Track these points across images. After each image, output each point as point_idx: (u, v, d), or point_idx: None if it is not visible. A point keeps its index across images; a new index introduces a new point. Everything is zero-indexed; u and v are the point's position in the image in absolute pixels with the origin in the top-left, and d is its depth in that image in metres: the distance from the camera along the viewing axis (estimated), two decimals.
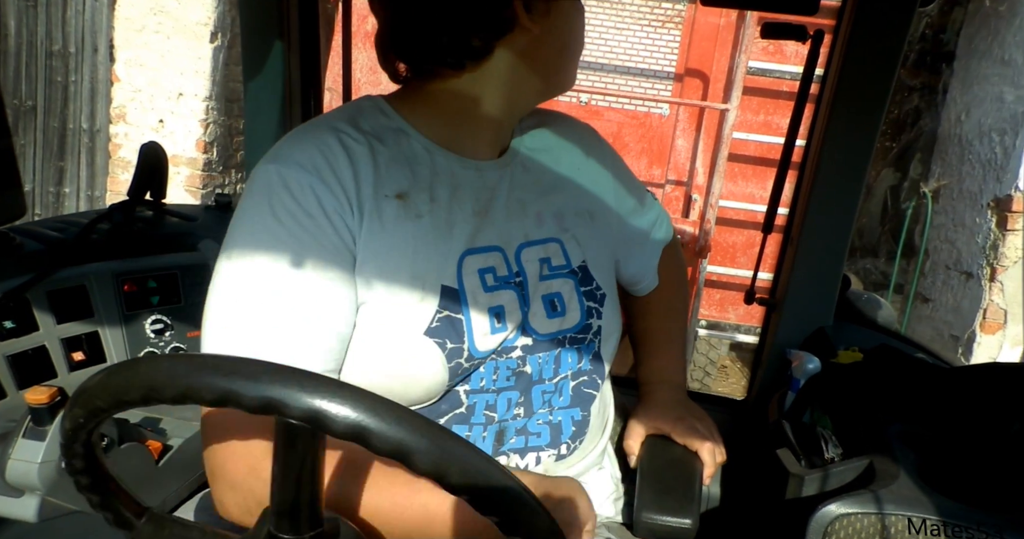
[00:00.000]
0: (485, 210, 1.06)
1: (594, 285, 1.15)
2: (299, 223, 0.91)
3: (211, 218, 1.81)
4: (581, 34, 1.10)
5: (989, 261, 4.78)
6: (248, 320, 0.88)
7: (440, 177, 1.03)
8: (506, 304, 1.04)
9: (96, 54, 5.22)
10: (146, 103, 5.32)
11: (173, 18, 5.18)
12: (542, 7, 0.99)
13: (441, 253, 1.00)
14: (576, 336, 1.12)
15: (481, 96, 1.04)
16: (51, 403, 1.09)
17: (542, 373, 1.09)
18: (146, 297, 1.52)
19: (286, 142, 0.99)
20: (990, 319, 4.81)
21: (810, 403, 1.54)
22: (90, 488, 0.71)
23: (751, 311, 4.26)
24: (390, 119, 1.05)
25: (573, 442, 1.12)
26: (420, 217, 1.00)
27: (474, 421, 1.04)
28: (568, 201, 1.17)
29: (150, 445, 1.25)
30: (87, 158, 5.33)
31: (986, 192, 4.85)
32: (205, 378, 0.59)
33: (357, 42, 4.47)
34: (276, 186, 0.92)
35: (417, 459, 0.57)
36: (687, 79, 4.43)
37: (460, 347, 0.99)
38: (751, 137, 4.38)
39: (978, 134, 4.94)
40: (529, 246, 1.09)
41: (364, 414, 0.57)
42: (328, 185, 0.93)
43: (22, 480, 1.11)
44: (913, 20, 1.58)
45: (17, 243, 1.41)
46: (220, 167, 5.62)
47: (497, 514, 0.60)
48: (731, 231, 4.60)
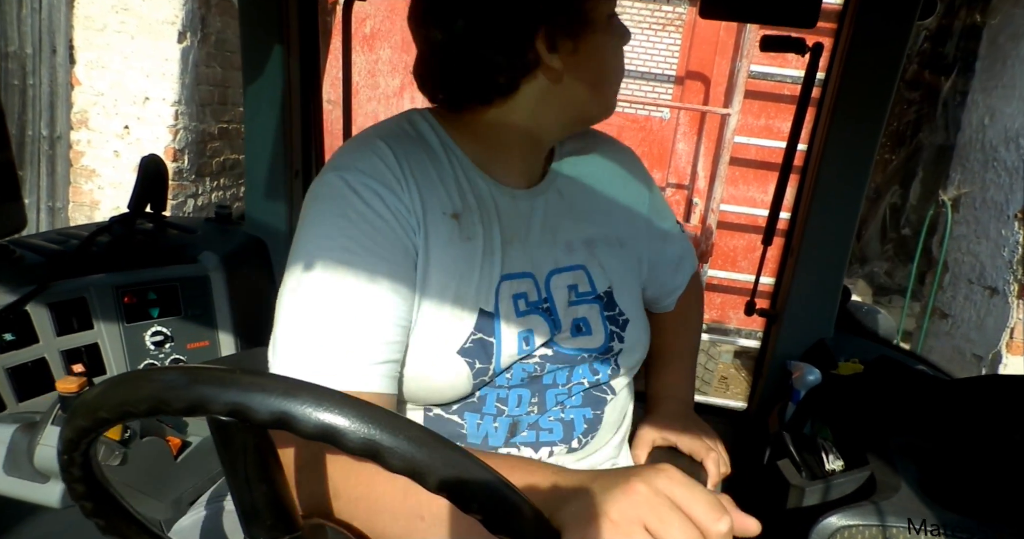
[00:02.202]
0: (517, 237, 1.14)
1: (617, 311, 1.23)
2: (369, 223, 0.99)
3: (211, 230, 1.90)
4: (616, 65, 1.16)
5: (1017, 276, 4.67)
6: (324, 311, 0.95)
7: (484, 201, 1.12)
8: (535, 328, 1.13)
9: (55, 55, 5.12)
10: (110, 108, 5.29)
11: (137, 16, 5.16)
12: (569, 45, 1.07)
13: (483, 277, 1.09)
14: (597, 356, 1.21)
15: (511, 127, 1.13)
16: (80, 392, 1.18)
17: (556, 379, 1.17)
18: (146, 309, 1.61)
19: (345, 153, 1.06)
20: (1017, 339, 4.69)
21: (811, 414, 1.63)
22: (85, 497, 0.74)
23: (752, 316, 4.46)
24: (439, 136, 1.13)
25: (585, 437, 1.20)
26: (470, 240, 1.08)
27: (486, 411, 1.12)
28: (600, 229, 1.25)
29: (170, 441, 1.34)
30: (47, 167, 5.27)
31: (1013, 202, 4.75)
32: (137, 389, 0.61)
33: (355, 46, 4.58)
34: (344, 191, 1.00)
35: (346, 441, 0.58)
36: (688, 82, 4.58)
37: (487, 367, 1.08)
38: (752, 141, 4.54)
39: (1003, 139, 4.85)
40: (558, 273, 1.18)
41: (283, 399, 0.58)
42: (395, 192, 1.02)
43: (49, 465, 1.20)
44: (912, 30, 1.68)
45: (17, 256, 1.50)
46: (192, 175, 5.61)
47: (479, 512, 0.61)
48: (732, 235, 4.77)
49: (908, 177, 6.36)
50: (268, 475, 0.68)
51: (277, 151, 1.95)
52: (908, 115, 6.32)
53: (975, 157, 5.12)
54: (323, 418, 0.58)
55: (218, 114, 5.85)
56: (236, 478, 0.67)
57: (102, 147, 5.37)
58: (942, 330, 5.30)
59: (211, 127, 5.77)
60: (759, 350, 2.11)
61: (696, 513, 0.69)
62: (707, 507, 0.69)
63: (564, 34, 1.06)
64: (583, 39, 1.08)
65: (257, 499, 0.68)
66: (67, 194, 5.43)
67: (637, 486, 0.71)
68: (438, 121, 1.15)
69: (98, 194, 5.44)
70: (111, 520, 0.76)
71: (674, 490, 0.71)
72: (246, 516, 0.69)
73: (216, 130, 5.86)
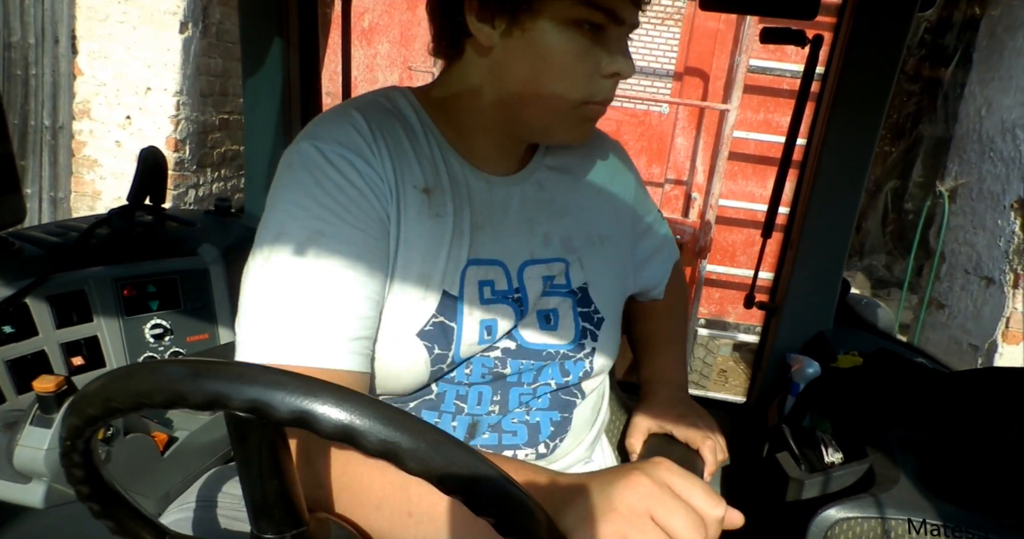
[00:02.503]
0: (487, 224, 1.11)
1: (592, 308, 1.20)
2: (345, 193, 0.97)
3: (211, 223, 1.90)
4: (561, 75, 1.03)
5: (1012, 266, 4.74)
6: (296, 285, 0.92)
7: (456, 182, 1.10)
8: (499, 318, 1.10)
9: (57, 45, 5.09)
10: (112, 98, 5.27)
11: (139, 7, 5.13)
12: (503, 24, 1.02)
13: (451, 258, 1.06)
14: (567, 353, 1.17)
15: (475, 107, 1.10)
16: (58, 391, 1.16)
17: (521, 377, 1.14)
18: (145, 302, 1.61)
19: (320, 123, 1.04)
20: (1013, 328, 4.77)
21: (810, 407, 1.62)
22: (91, 498, 0.75)
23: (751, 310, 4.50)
24: (418, 113, 1.12)
25: (552, 441, 1.17)
26: (439, 217, 1.06)
27: (444, 409, 1.10)
28: (580, 225, 1.22)
29: (156, 436, 1.33)
30: (49, 157, 5.26)
31: (1009, 192, 4.82)
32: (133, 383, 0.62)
33: (354, 40, 4.58)
34: (318, 160, 0.98)
35: (365, 441, 0.59)
36: (687, 77, 4.57)
37: (446, 353, 1.05)
38: (751, 136, 4.53)
39: (1000, 130, 4.91)
40: (533, 264, 1.15)
41: (306, 398, 0.58)
42: (369, 163, 1.00)
43: (29, 466, 1.18)
44: (912, 22, 1.67)
45: (16, 248, 1.49)
46: (193, 166, 5.60)
47: (493, 515, 0.61)
48: (731, 230, 4.77)
49: (907, 169, 6.35)
50: (280, 471, 0.68)
51: (276, 144, 1.95)
52: (908, 107, 6.32)
53: (972, 148, 5.18)
54: (343, 419, 0.58)
55: (219, 105, 5.83)
56: (249, 473, 0.68)
57: (104, 137, 5.37)
58: (939, 321, 5.36)
59: (212, 118, 5.76)
60: (758, 343, 2.11)
61: (695, 501, 0.72)
62: (705, 495, 0.73)
63: (500, 11, 1.01)
64: (521, 24, 1.01)
65: (269, 494, 0.68)
66: (69, 184, 5.42)
67: (639, 479, 0.72)
68: (418, 100, 1.14)
69: (100, 184, 5.43)
70: (117, 518, 0.77)
71: (674, 480, 0.73)
72: (255, 510, 0.69)
73: (217, 121, 5.85)
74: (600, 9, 1.00)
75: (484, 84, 1.08)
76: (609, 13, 1.01)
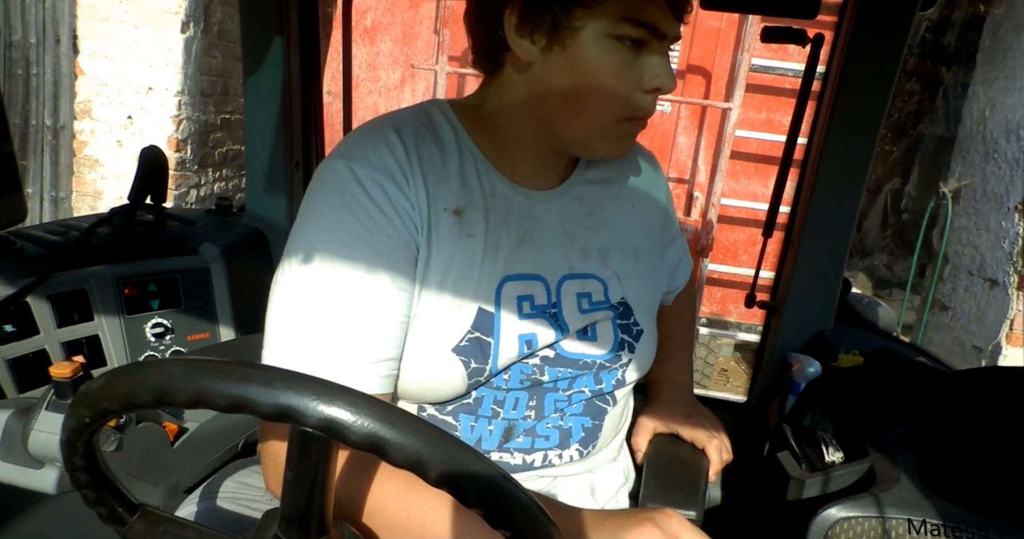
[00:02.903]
0: (528, 239, 1.11)
1: (632, 320, 1.20)
2: (372, 218, 0.98)
3: (211, 222, 1.90)
4: (601, 89, 1.03)
5: (1017, 268, 4.66)
6: (321, 308, 0.94)
7: (494, 199, 1.10)
8: (539, 333, 1.10)
9: (58, 45, 5.09)
10: (113, 98, 5.28)
11: (140, 6, 5.13)
12: (543, 39, 1.01)
13: (484, 275, 1.07)
14: (604, 363, 1.17)
15: (514, 122, 1.10)
16: (74, 377, 1.17)
17: (557, 384, 1.14)
18: (146, 301, 1.61)
19: (355, 140, 1.04)
20: (1017, 331, 4.69)
21: (811, 406, 1.63)
22: (87, 485, 0.75)
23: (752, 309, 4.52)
24: (455, 129, 1.11)
25: (584, 447, 1.18)
26: (471, 236, 1.06)
27: (480, 413, 1.10)
28: (616, 238, 1.21)
29: (167, 426, 1.33)
30: (51, 157, 5.25)
31: (1013, 194, 4.74)
32: (219, 384, 0.61)
33: (356, 38, 4.58)
34: (349, 182, 0.99)
35: (431, 470, 0.60)
36: (689, 76, 4.57)
37: (483, 367, 1.05)
38: (753, 135, 4.52)
39: (1004, 131, 4.84)
40: (571, 279, 1.15)
41: (380, 425, 0.60)
42: (399, 186, 1.00)
43: (44, 451, 1.19)
44: (913, 21, 1.67)
45: (17, 247, 1.50)
46: (195, 166, 5.60)
47: (498, 517, 0.62)
48: (733, 229, 4.77)
49: (908, 169, 6.34)
50: (327, 486, 0.69)
51: (277, 143, 1.95)
52: (909, 106, 6.32)
53: (976, 149, 5.12)
54: (374, 429, 0.59)
55: (220, 104, 5.84)
56: (301, 486, 0.68)
57: (105, 137, 5.37)
58: (942, 322, 5.31)
59: (213, 117, 5.76)
60: (759, 342, 2.11)
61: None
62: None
63: (540, 26, 1.01)
64: (561, 40, 1.01)
65: (313, 507, 0.69)
66: (70, 184, 5.43)
67: (652, 531, 0.76)
68: (456, 114, 1.13)
69: (101, 184, 5.44)
70: (111, 508, 0.78)
71: (683, 533, 0.76)
72: (290, 519, 0.70)
73: (218, 120, 5.85)
74: (643, 25, 0.99)
75: (524, 99, 1.07)
76: (651, 29, 1.00)
